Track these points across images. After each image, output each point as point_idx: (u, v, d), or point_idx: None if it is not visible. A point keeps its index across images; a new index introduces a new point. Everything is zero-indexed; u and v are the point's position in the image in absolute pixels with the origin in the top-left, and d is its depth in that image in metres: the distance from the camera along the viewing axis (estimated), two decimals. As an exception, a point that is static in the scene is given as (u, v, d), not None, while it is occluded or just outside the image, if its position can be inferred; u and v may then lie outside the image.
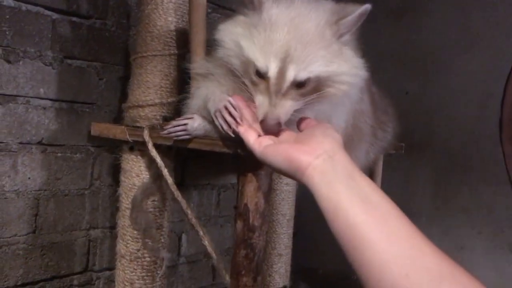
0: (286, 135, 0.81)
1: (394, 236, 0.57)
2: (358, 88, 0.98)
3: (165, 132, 1.06)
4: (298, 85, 0.84)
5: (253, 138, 0.80)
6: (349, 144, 0.76)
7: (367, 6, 0.86)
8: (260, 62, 0.82)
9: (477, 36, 1.61)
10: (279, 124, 0.81)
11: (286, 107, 0.83)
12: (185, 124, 1.04)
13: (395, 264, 0.55)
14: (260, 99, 0.84)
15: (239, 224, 1.09)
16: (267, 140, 0.79)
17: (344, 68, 0.89)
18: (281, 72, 0.82)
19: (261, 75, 0.83)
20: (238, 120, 0.85)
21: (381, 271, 0.56)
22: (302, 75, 0.83)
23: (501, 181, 1.55)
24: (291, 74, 0.82)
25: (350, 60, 0.90)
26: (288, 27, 0.83)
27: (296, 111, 0.85)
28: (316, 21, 0.86)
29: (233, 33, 0.87)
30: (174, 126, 1.05)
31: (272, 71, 0.81)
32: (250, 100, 0.89)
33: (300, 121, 0.84)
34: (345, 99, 0.96)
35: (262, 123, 0.82)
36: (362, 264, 0.58)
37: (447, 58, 1.68)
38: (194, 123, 1.03)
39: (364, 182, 0.65)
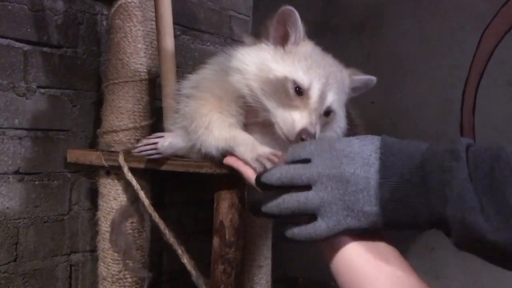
0: None
1: (395, 276, 0.58)
2: None
3: (136, 150, 1.09)
4: (326, 113, 0.90)
5: (251, 172, 0.80)
6: None
7: (374, 78, 0.99)
8: (303, 80, 0.86)
9: (434, 46, 1.69)
10: (314, 137, 0.83)
11: (319, 129, 0.87)
12: (155, 143, 1.06)
13: None
14: (297, 114, 0.85)
15: (216, 240, 1.13)
16: None
17: (343, 121, 0.98)
18: (322, 94, 0.87)
19: (300, 93, 0.86)
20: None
21: None
22: (335, 106, 0.91)
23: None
24: (330, 99, 0.89)
25: (345, 118, 0.99)
26: (324, 62, 0.91)
27: None
28: (339, 67, 0.96)
29: (260, 58, 0.91)
30: (145, 145, 1.07)
31: (316, 89, 0.87)
32: (257, 124, 0.93)
33: None
34: None
35: (301, 132, 0.82)
36: None
37: (408, 68, 1.75)
38: (165, 142, 1.05)
39: None
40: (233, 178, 1.03)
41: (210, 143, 0.93)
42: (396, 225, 0.59)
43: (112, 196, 1.31)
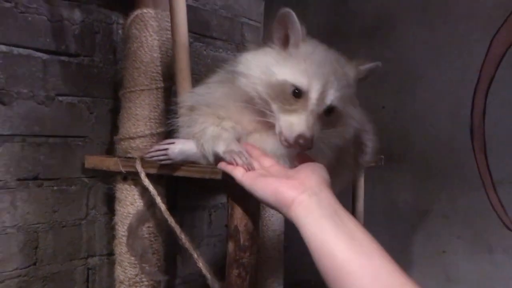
0: (275, 169, 0.86)
1: (377, 274, 0.61)
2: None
3: (148, 156, 1.11)
4: (328, 111, 0.91)
5: (240, 173, 0.85)
6: (332, 175, 0.82)
7: (379, 63, 0.99)
8: (302, 83, 0.87)
9: (443, 51, 1.71)
10: (312, 141, 0.85)
11: (318, 129, 0.89)
12: (166, 149, 1.08)
13: None
14: (295, 118, 0.87)
15: (231, 245, 1.15)
16: (255, 174, 0.84)
17: (355, 113, 1.00)
18: (322, 95, 0.88)
19: (299, 95, 0.88)
20: (252, 167, 0.87)
21: None
22: (336, 103, 0.91)
23: (475, 188, 1.64)
24: (330, 98, 0.89)
25: (357, 109, 1.01)
26: (324, 61, 0.91)
27: None
28: (343, 62, 0.96)
29: (264, 62, 0.93)
30: (156, 151, 1.09)
31: (315, 91, 0.87)
32: (264, 125, 0.96)
33: (296, 156, 0.90)
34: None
35: (298, 137, 0.85)
36: None
37: (419, 73, 1.77)
38: (175, 149, 1.06)
39: (348, 219, 0.68)
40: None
41: (206, 149, 0.98)
42: None
43: (129, 201, 1.34)
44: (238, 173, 0.86)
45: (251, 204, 1.14)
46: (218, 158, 0.95)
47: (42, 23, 1.36)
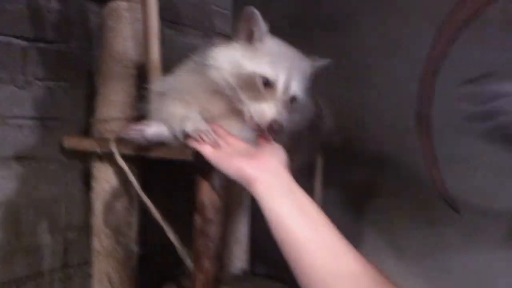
0: (239, 146, 0.99)
1: (323, 242, 0.75)
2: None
3: (124, 134, 1.20)
4: (291, 100, 1.04)
5: (209, 150, 0.98)
6: (290, 156, 0.95)
7: (330, 60, 1.14)
8: (270, 74, 1.00)
9: (396, 43, 1.86)
10: (282, 126, 0.98)
11: (286, 115, 1.02)
12: (141, 130, 1.18)
13: (323, 263, 0.73)
14: (266, 105, 1.00)
15: (197, 218, 1.29)
16: (221, 152, 0.97)
17: (310, 104, 1.16)
18: (287, 85, 1.01)
19: (269, 85, 1.00)
20: (218, 144, 0.99)
21: (312, 269, 0.72)
22: (298, 93, 1.05)
23: (422, 168, 1.81)
24: (294, 89, 1.03)
25: (311, 100, 1.16)
26: (286, 55, 1.05)
27: None
28: (301, 57, 1.10)
29: (232, 56, 1.04)
30: (132, 130, 1.18)
31: (281, 81, 1.00)
32: (231, 112, 1.08)
33: (259, 138, 1.03)
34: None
35: (271, 122, 0.98)
36: (300, 264, 0.74)
37: (374, 64, 1.91)
38: (150, 131, 1.17)
39: (302, 197, 0.82)
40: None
41: (175, 128, 1.08)
42: None
43: (105, 179, 1.45)
44: (206, 150, 0.98)
45: (217, 181, 1.27)
46: (187, 137, 1.06)
47: (21, 11, 1.45)
